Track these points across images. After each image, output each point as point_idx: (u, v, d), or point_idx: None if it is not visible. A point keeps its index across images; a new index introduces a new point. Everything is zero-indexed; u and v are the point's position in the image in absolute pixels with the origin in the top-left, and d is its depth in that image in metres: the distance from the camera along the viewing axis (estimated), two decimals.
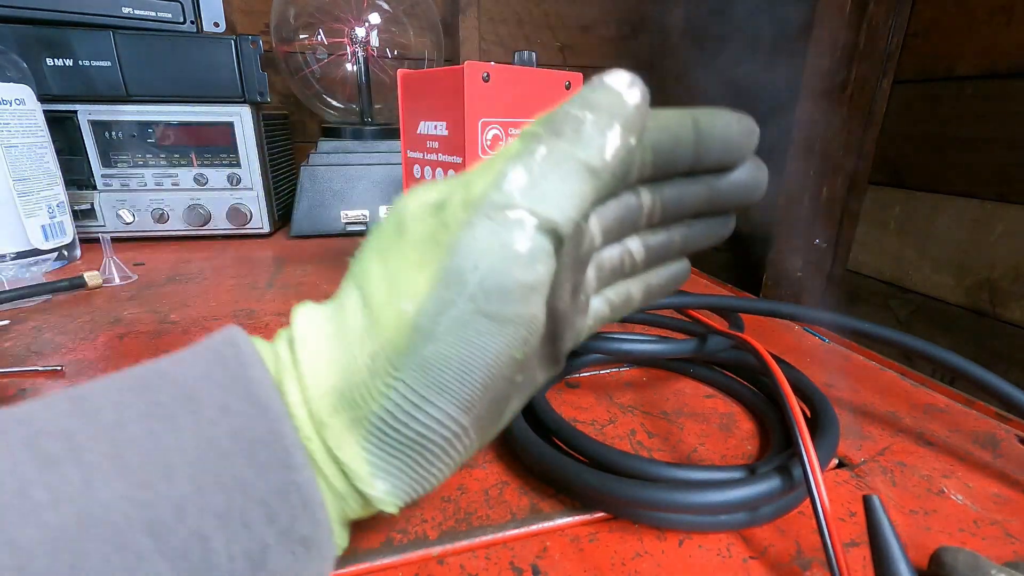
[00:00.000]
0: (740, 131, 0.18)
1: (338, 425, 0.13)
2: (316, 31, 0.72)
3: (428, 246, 0.13)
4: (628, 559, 0.19)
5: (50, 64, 0.55)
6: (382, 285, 0.14)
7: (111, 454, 0.11)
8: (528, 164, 0.13)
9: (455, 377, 0.13)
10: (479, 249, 0.13)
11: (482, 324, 0.13)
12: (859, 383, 0.32)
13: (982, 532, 0.21)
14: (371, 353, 0.13)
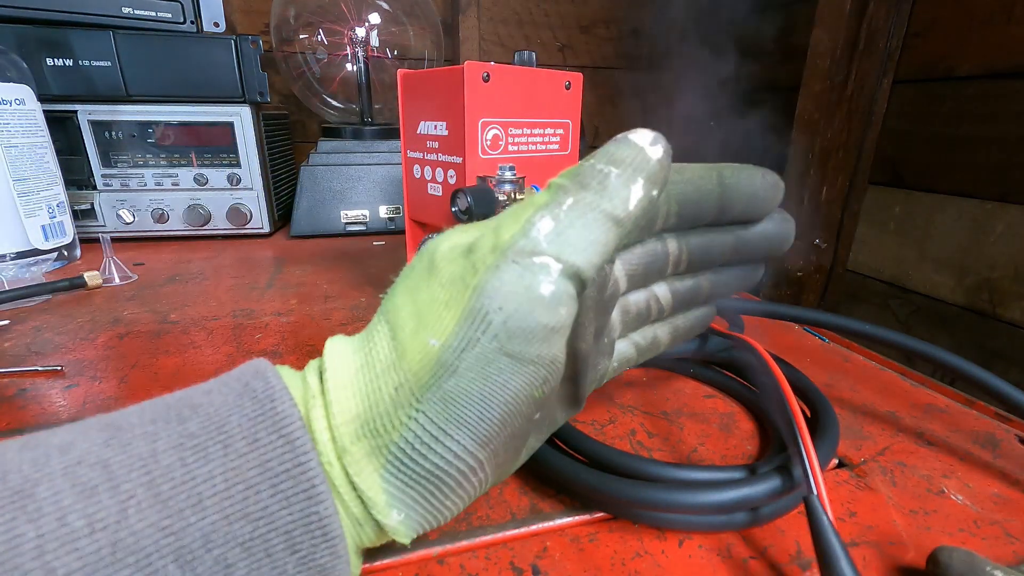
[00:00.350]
0: (764, 185, 0.19)
1: (359, 452, 0.13)
2: (316, 31, 0.72)
3: (457, 286, 0.14)
4: (628, 559, 0.19)
5: (50, 64, 0.55)
6: (410, 320, 0.14)
7: (145, 483, 0.12)
8: (555, 213, 0.14)
9: (475, 412, 0.13)
10: (505, 291, 0.13)
11: (504, 363, 0.13)
12: (859, 383, 0.32)
13: (982, 532, 0.21)
14: (396, 384, 0.14)
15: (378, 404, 0.14)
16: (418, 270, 0.15)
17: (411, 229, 0.40)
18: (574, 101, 0.37)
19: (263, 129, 0.65)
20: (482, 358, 0.13)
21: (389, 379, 0.14)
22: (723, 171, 0.18)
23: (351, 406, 0.14)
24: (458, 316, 0.13)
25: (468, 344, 0.13)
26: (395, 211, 0.68)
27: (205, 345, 0.36)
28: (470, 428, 0.13)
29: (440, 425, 0.13)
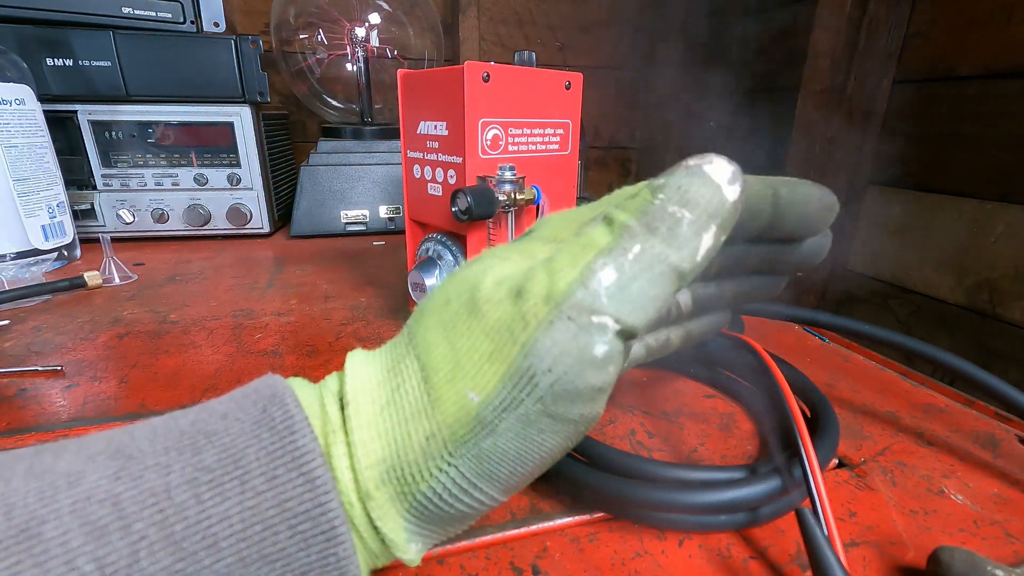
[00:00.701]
0: (819, 207, 0.18)
1: (383, 497, 0.13)
2: (316, 31, 0.72)
3: (503, 337, 0.13)
4: (628, 559, 0.19)
5: (50, 64, 0.55)
6: (446, 365, 0.13)
7: (158, 522, 0.11)
8: (619, 263, 0.13)
9: (508, 469, 0.13)
10: (556, 352, 0.12)
11: (545, 423, 0.13)
12: (859, 383, 0.32)
13: (982, 532, 0.21)
14: (428, 434, 0.13)
15: (407, 451, 0.13)
16: (456, 306, 0.14)
17: (411, 229, 0.40)
18: (574, 101, 0.37)
19: (263, 129, 0.65)
20: (523, 419, 0.12)
21: (420, 426, 0.13)
22: (779, 189, 0.17)
23: (376, 448, 0.13)
24: (502, 374, 0.12)
25: (511, 404, 0.12)
26: (395, 211, 0.68)
27: (205, 345, 0.36)
28: (500, 482, 0.13)
29: (471, 479, 0.13)
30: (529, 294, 0.13)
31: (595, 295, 0.12)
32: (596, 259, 0.13)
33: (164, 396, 0.29)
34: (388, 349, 0.15)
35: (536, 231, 0.17)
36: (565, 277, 0.13)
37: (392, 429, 0.13)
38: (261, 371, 0.32)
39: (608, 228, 0.13)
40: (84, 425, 0.26)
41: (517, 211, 0.35)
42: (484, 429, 0.13)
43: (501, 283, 0.14)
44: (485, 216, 0.31)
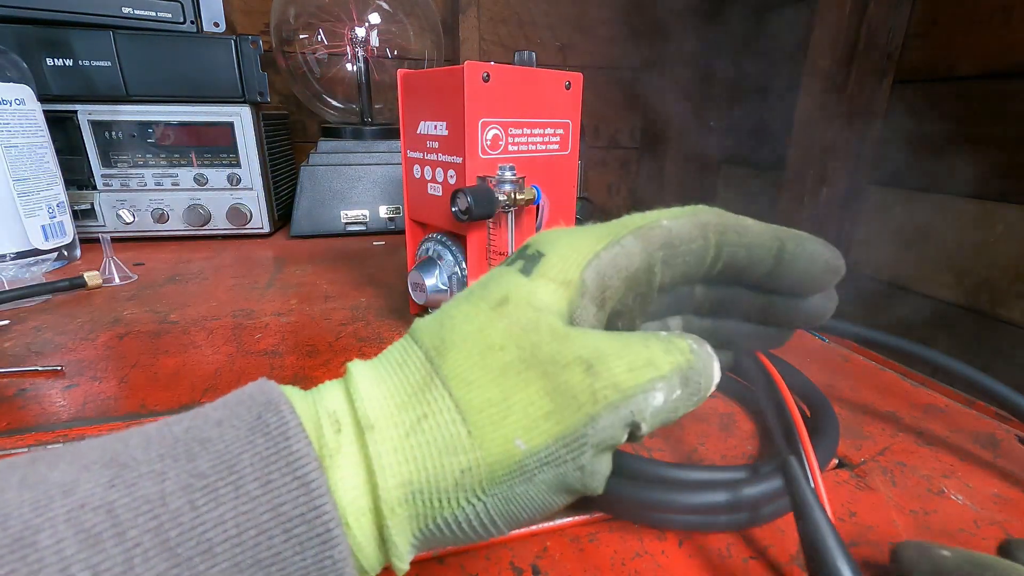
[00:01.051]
0: (824, 268, 0.18)
1: (403, 514, 0.13)
2: (316, 31, 0.72)
3: (566, 401, 0.14)
4: (628, 559, 0.19)
5: (50, 64, 0.55)
6: (493, 409, 0.14)
7: (153, 528, 0.11)
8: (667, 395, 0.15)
9: (526, 515, 0.14)
10: (608, 432, 0.14)
11: (576, 484, 0.14)
12: (859, 383, 0.32)
13: (982, 532, 0.21)
14: (464, 467, 0.13)
15: (440, 480, 0.13)
16: (509, 357, 0.15)
17: (411, 229, 0.40)
18: (574, 101, 0.37)
19: (263, 129, 0.65)
20: (560, 476, 0.14)
21: (456, 459, 0.13)
22: (786, 243, 0.18)
23: (401, 472, 0.13)
24: (558, 433, 0.14)
25: (554, 461, 0.14)
26: (395, 211, 0.68)
27: (205, 345, 0.36)
28: (514, 523, 0.14)
29: (494, 517, 0.14)
30: (601, 376, 0.14)
31: (647, 407, 0.14)
32: (657, 382, 0.15)
33: (164, 396, 0.29)
34: (398, 369, 0.15)
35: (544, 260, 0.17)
36: (634, 379, 0.14)
37: (423, 457, 0.14)
38: (261, 371, 0.32)
39: (666, 354, 0.15)
40: (84, 425, 0.26)
41: (517, 211, 0.35)
42: (523, 476, 0.14)
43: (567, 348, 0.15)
44: (485, 216, 0.31)
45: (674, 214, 0.17)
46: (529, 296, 0.16)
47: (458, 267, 0.35)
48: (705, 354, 0.16)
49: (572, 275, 0.16)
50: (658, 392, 0.15)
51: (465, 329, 0.15)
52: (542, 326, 0.15)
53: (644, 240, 0.17)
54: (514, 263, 0.17)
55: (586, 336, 0.15)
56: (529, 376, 0.14)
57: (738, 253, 0.17)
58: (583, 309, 0.16)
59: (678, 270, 0.17)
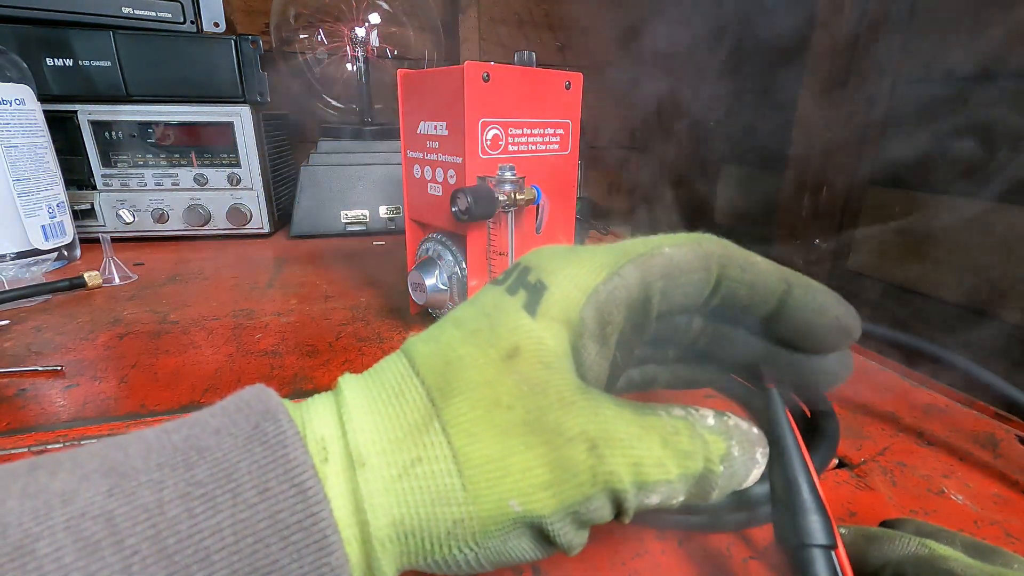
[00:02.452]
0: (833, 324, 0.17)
1: (393, 550, 0.14)
2: (316, 31, 0.72)
3: (564, 478, 0.14)
4: (628, 559, 0.19)
5: (50, 64, 0.55)
6: (491, 467, 0.14)
7: (151, 537, 0.11)
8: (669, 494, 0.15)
9: (516, 561, 0.15)
10: (598, 514, 0.14)
11: (558, 544, 0.15)
12: (859, 383, 0.32)
13: (982, 532, 0.21)
14: (456, 519, 0.14)
15: (432, 528, 0.14)
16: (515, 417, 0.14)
17: (411, 229, 0.40)
18: (574, 101, 0.37)
19: (263, 129, 0.65)
20: (544, 538, 0.14)
21: (450, 510, 0.14)
22: (793, 287, 0.16)
23: (392, 511, 0.13)
24: (553, 507, 0.14)
25: (544, 527, 0.14)
26: (395, 211, 0.68)
27: (205, 345, 0.36)
28: (505, 565, 0.15)
29: (484, 564, 0.14)
30: (605, 461, 0.14)
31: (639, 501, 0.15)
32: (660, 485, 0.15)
33: (164, 396, 0.29)
34: (395, 400, 0.15)
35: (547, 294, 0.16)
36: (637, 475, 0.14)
37: (415, 503, 0.14)
38: (261, 371, 0.32)
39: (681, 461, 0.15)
40: (84, 425, 0.26)
41: (517, 211, 0.35)
42: (513, 534, 0.14)
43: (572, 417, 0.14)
44: (485, 216, 0.31)
45: (677, 241, 0.16)
46: (538, 347, 0.15)
47: (458, 267, 0.35)
48: (741, 462, 0.16)
49: (573, 314, 0.15)
50: (655, 496, 0.15)
51: (473, 378, 0.15)
52: (551, 389, 0.15)
53: (643, 269, 0.16)
54: (516, 292, 0.16)
55: (598, 407, 0.15)
56: (531, 441, 0.14)
57: (739, 290, 0.16)
58: (585, 349, 0.15)
59: (676, 301, 0.17)
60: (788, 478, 0.16)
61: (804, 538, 0.15)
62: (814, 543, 0.15)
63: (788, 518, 0.16)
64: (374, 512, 0.13)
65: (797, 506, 0.16)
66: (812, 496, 0.16)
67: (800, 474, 0.16)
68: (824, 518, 0.15)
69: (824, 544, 0.15)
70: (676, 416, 0.16)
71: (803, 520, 0.15)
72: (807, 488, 0.16)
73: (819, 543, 0.15)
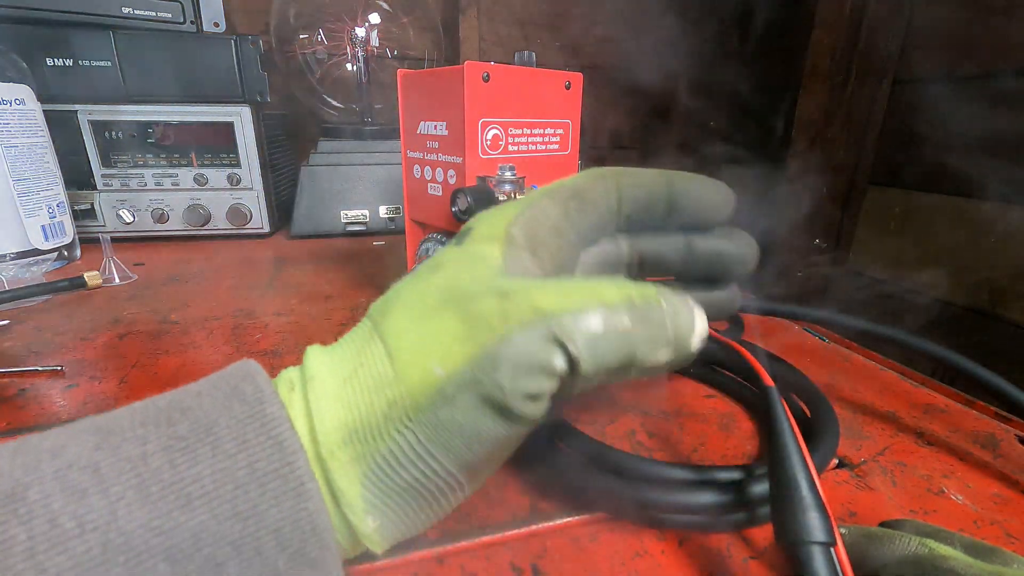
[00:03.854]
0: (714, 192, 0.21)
1: (345, 457, 0.14)
2: (316, 31, 0.72)
3: (479, 326, 0.14)
4: (628, 559, 0.19)
5: (50, 64, 0.55)
6: (413, 344, 0.14)
7: (135, 484, 0.12)
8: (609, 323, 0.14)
9: (463, 444, 0.14)
10: (525, 351, 0.13)
11: (495, 410, 0.14)
12: (859, 383, 0.32)
13: (982, 532, 0.21)
14: (390, 400, 0.14)
15: (371, 416, 0.14)
16: (432, 300, 0.15)
17: (411, 229, 0.40)
18: (574, 101, 0.37)
19: (263, 129, 0.65)
20: (480, 400, 0.14)
21: (383, 395, 0.14)
22: (673, 177, 0.20)
23: (339, 415, 0.14)
24: (471, 355, 0.14)
25: (471, 383, 0.14)
26: (395, 211, 0.68)
27: (205, 345, 0.36)
28: (455, 455, 0.14)
29: (427, 447, 0.14)
30: (515, 300, 0.14)
31: (575, 329, 0.14)
32: (597, 307, 0.14)
33: None
34: (347, 340, 0.16)
35: (473, 230, 0.18)
36: (558, 303, 0.14)
37: (356, 398, 0.14)
38: None
39: (618, 292, 0.15)
40: None
41: None
42: (443, 401, 0.14)
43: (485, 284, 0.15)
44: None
45: (575, 176, 0.20)
46: (461, 255, 0.17)
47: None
48: (680, 301, 0.15)
49: (498, 232, 0.17)
50: (594, 316, 0.14)
51: (404, 294, 0.16)
52: (475, 267, 0.16)
53: (553, 196, 0.19)
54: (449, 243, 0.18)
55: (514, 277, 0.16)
56: (446, 311, 0.15)
57: (637, 193, 0.20)
58: (516, 258, 0.17)
59: (592, 216, 0.19)
60: (787, 475, 0.16)
61: (803, 535, 0.15)
62: (813, 540, 0.15)
63: (787, 515, 0.16)
64: (321, 418, 0.14)
65: (796, 503, 0.16)
66: (811, 493, 0.16)
67: (799, 471, 0.16)
68: (823, 515, 0.15)
69: (823, 541, 0.15)
70: None
71: (802, 517, 0.15)
72: (806, 485, 0.16)
73: (818, 540, 0.15)
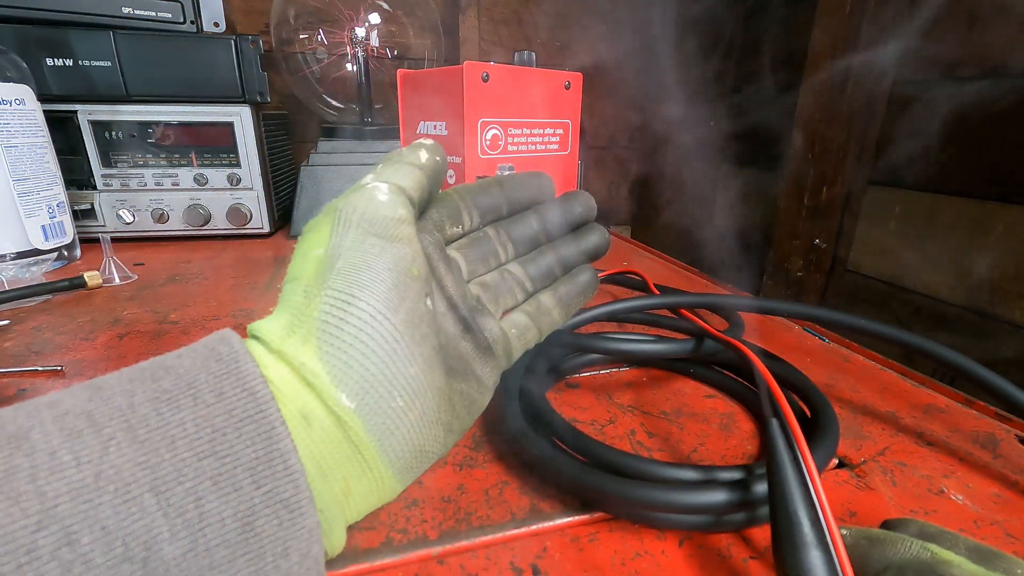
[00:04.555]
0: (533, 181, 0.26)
1: (294, 341, 0.16)
2: (316, 31, 0.72)
3: (326, 218, 0.19)
4: (628, 559, 0.19)
5: (50, 64, 0.55)
6: (297, 258, 0.19)
7: (124, 428, 0.13)
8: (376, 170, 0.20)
9: (369, 277, 0.17)
10: (356, 201, 0.18)
11: (372, 241, 0.18)
12: (859, 383, 0.32)
13: (982, 532, 0.21)
14: (303, 290, 0.17)
15: (297, 309, 0.17)
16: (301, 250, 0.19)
17: None
18: (574, 101, 0.37)
19: (263, 129, 0.65)
20: (356, 242, 0.18)
21: (296, 293, 0.18)
22: (502, 178, 0.25)
23: (277, 325, 0.17)
24: (330, 228, 0.18)
25: (342, 237, 0.18)
26: None
27: None
28: (371, 290, 0.17)
29: (346, 291, 0.17)
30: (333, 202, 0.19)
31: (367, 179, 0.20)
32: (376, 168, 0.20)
33: None
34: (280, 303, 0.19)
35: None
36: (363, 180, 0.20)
37: (282, 310, 0.18)
38: None
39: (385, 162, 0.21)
40: None
41: None
42: (333, 259, 0.17)
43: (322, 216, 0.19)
44: None
45: None
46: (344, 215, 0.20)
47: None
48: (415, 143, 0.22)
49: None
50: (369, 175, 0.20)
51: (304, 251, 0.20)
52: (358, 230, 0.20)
53: None
54: None
55: None
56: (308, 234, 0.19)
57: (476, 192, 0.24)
58: None
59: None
60: (788, 513, 0.16)
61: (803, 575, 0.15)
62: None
63: (789, 554, 0.16)
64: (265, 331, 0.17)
65: (798, 541, 0.16)
66: (813, 531, 0.16)
67: (800, 508, 0.16)
68: (825, 553, 0.15)
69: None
70: None
71: (804, 556, 0.15)
72: (808, 523, 0.16)
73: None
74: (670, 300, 0.33)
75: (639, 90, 1.06)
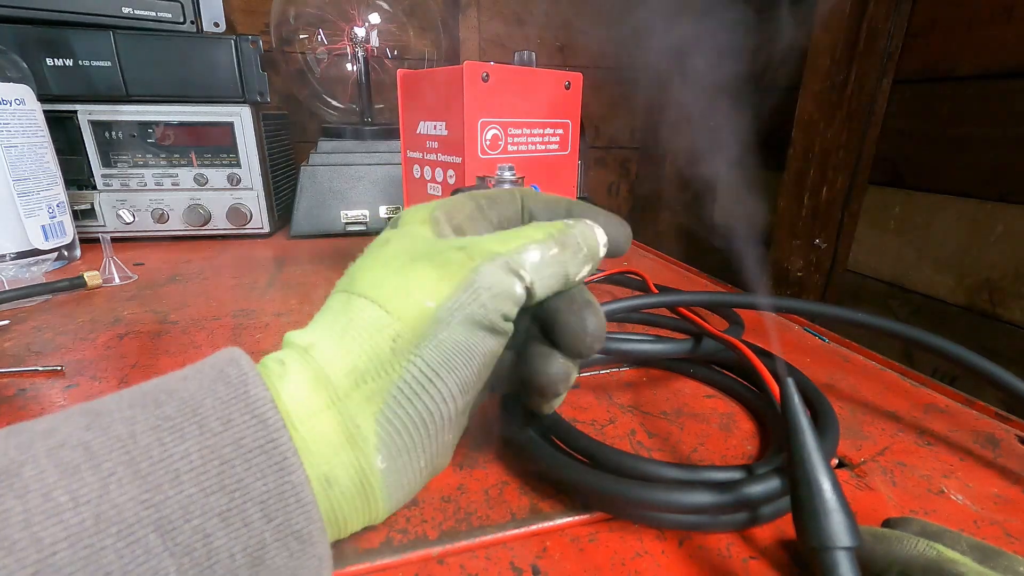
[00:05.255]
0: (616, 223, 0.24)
1: (358, 397, 0.15)
2: (316, 31, 0.72)
3: (451, 268, 0.17)
4: (628, 559, 0.19)
5: (50, 64, 0.55)
6: (400, 291, 0.17)
7: (125, 461, 0.12)
8: (543, 253, 0.19)
9: (462, 360, 0.17)
10: (495, 279, 0.17)
11: (483, 328, 0.17)
12: (859, 383, 0.32)
13: (982, 532, 0.21)
14: (394, 336, 0.16)
15: (379, 354, 0.16)
16: (403, 259, 0.18)
17: None
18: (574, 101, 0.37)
19: (263, 129, 0.65)
20: (469, 319, 0.17)
21: (385, 334, 0.16)
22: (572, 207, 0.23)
23: (346, 362, 0.16)
24: (455, 286, 0.17)
25: (460, 307, 0.16)
26: (395, 211, 0.68)
27: (205, 345, 0.36)
28: (457, 373, 0.16)
29: (435, 368, 0.16)
30: (475, 249, 0.18)
31: (524, 261, 0.18)
32: (530, 244, 0.18)
33: None
34: (323, 313, 0.18)
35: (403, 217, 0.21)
36: (506, 246, 0.18)
37: (357, 345, 0.16)
38: None
39: (540, 232, 0.19)
40: None
41: None
42: (441, 325, 0.16)
43: (447, 244, 0.18)
44: None
45: None
46: (402, 233, 0.20)
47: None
48: (583, 224, 0.20)
49: (424, 216, 0.20)
50: (533, 250, 0.18)
51: (367, 262, 0.19)
52: (419, 239, 0.19)
53: (469, 196, 0.22)
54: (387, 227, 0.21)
55: (456, 238, 0.19)
56: (416, 264, 0.17)
57: (536, 207, 0.23)
58: (444, 234, 0.20)
59: (500, 209, 0.22)
60: (809, 478, 0.16)
61: (827, 540, 0.15)
62: (839, 545, 0.15)
63: (811, 519, 0.16)
64: (332, 368, 0.15)
65: (819, 507, 0.16)
66: (834, 496, 0.16)
67: (822, 473, 0.16)
68: (847, 518, 0.15)
69: (848, 546, 0.15)
70: None
71: (826, 521, 0.15)
72: (829, 488, 0.16)
73: (843, 545, 0.15)
74: (668, 299, 0.33)
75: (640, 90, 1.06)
